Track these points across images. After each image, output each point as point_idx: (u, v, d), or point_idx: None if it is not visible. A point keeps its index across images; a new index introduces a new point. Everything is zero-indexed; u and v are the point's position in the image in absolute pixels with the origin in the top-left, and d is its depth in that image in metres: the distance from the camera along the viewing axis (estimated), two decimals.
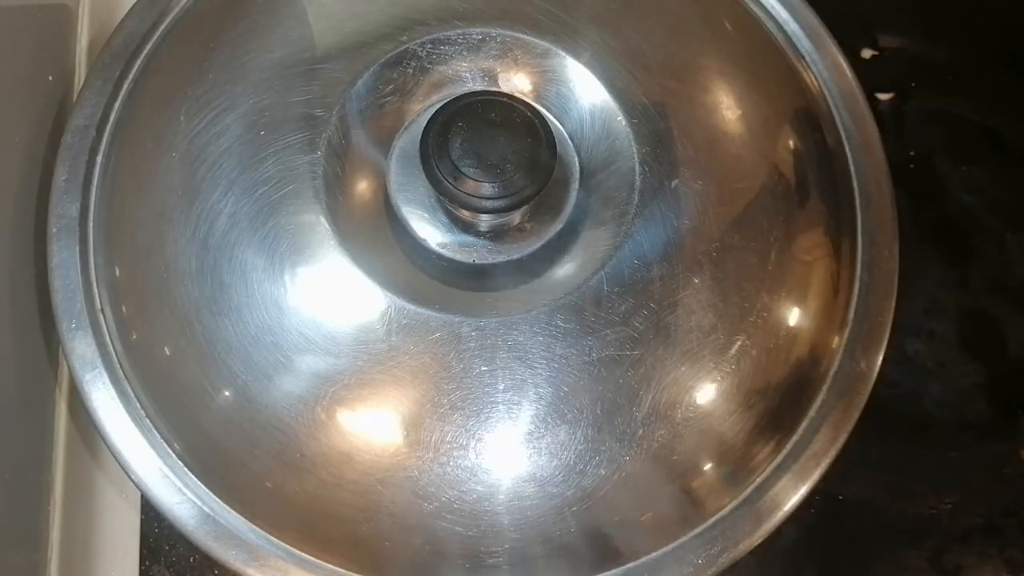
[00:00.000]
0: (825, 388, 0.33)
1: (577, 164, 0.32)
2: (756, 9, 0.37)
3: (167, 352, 0.31)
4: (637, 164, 0.32)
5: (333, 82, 0.32)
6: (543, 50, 0.33)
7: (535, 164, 0.29)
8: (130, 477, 0.31)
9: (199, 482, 0.31)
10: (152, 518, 0.38)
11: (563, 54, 0.33)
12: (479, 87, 0.33)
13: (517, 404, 0.30)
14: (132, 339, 0.32)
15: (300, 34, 0.33)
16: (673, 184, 0.32)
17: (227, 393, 0.30)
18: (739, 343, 0.31)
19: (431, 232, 0.32)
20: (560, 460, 0.30)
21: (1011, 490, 0.42)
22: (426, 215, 0.32)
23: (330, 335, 0.30)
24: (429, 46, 0.33)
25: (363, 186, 0.32)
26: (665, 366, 0.31)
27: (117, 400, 0.32)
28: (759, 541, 0.32)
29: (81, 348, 0.32)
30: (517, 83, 0.33)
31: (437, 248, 0.32)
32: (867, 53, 0.48)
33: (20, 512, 0.34)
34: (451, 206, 0.30)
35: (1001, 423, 0.43)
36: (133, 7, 0.35)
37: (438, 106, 0.29)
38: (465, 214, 0.31)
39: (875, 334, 0.34)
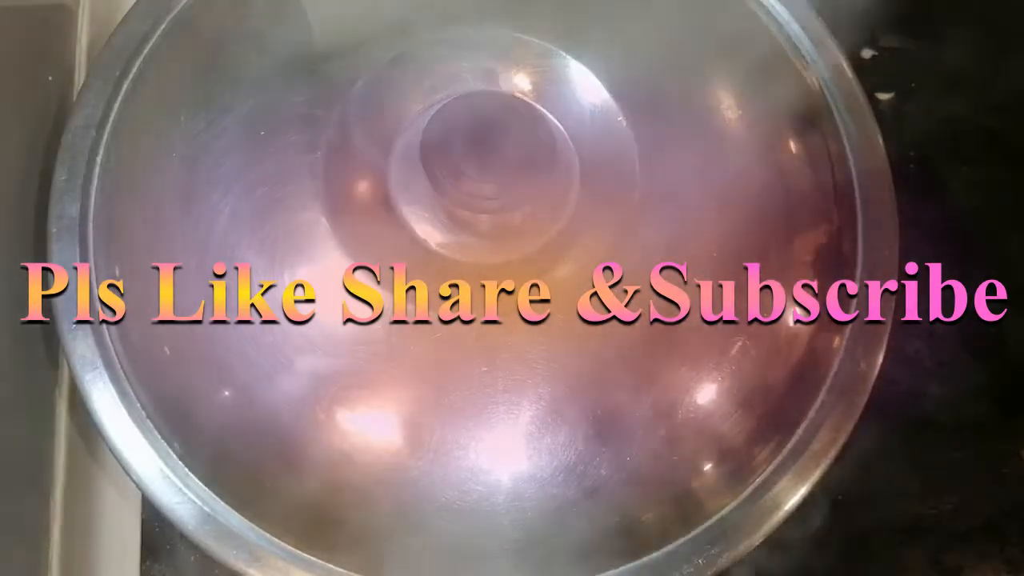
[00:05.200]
0: (825, 388, 0.33)
1: (577, 164, 0.32)
2: (756, 9, 0.37)
3: (167, 352, 0.31)
4: (637, 164, 0.32)
5: (333, 82, 0.32)
6: (543, 50, 0.33)
7: (535, 164, 0.29)
8: (130, 477, 0.31)
9: (199, 482, 0.31)
10: (152, 518, 0.38)
11: (563, 54, 0.33)
12: (479, 87, 0.33)
13: (517, 404, 0.30)
14: (132, 339, 0.32)
15: (300, 34, 0.33)
16: (673, 184, 0.32)
17: (227, 393, 0.30)
18: (739, 343, 0.31)
19: (431, 232, 0.32)
20: (560, 460, 0.30)
21: (1011, 490, 0.42)
22: (426, 215, 0.32)
23: (330, 335, 0.30)
24: (429, 46, 0.33)
25: (363, 186, 0.32)
26: (665, 366, 0.31)
27: (117, 400, 0.32)
28: (759, 541, 0.31)
29: (81, 348, 0.32)
30: (517, 83, 0.33)
31: (437, 248, 0.32)
32: (867, 53, 0.48)
33: (20, 512, 0.34)
34: (451, 206, 0.30)
35: (1001, 423, 0.43)
36: (133, 7, 0.35)
37: (438, 106, 0.29)
38: (465, 214, 0.31)
39: (875, 334, 0.34)
